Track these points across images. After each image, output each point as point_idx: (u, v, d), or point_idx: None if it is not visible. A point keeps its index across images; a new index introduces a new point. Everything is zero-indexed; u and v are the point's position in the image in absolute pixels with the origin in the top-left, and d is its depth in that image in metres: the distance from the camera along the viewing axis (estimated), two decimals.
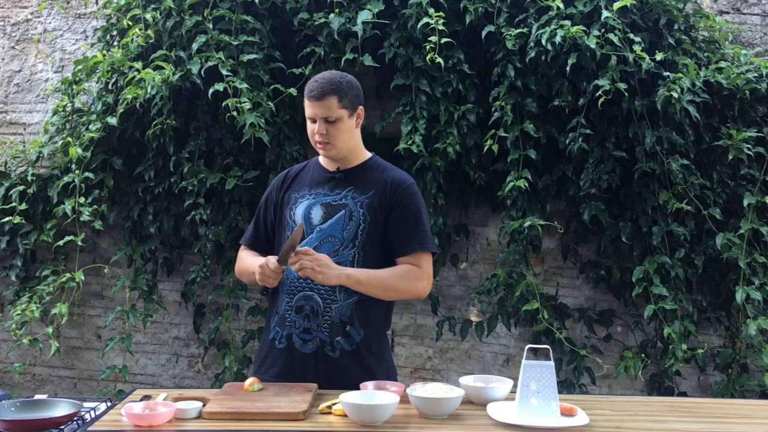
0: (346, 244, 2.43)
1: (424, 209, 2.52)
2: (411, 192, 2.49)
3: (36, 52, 4.36)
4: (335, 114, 2.41)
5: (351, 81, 2.47)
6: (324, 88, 2.39)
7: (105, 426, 2.02)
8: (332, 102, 2.40)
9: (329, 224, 2.45)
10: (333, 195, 2.49)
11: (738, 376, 3.79)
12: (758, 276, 3.66)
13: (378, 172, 2.52)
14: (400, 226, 2.45)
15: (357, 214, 2.44)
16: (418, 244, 2.46)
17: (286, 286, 2.49)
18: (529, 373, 2.08)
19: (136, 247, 4.02)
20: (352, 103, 2.44)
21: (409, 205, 2.47)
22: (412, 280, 2.45)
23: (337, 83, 2.42)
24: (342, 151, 2.47)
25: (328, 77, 2.43)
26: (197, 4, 3.79)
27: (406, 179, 2.52)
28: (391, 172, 2.53)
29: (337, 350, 2.41)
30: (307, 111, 2.44)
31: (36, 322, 3.94)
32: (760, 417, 2.24)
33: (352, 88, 2.46)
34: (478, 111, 3.83)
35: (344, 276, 2.34)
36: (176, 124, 3.82)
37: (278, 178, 2.65)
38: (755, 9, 4.13)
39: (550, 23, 3.65)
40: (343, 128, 2.43)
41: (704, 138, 3.78)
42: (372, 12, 3.69)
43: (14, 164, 4.17)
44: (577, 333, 4.04)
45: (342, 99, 2.41)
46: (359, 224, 2.43)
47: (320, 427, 2.02)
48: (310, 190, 2.52)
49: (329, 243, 2.44)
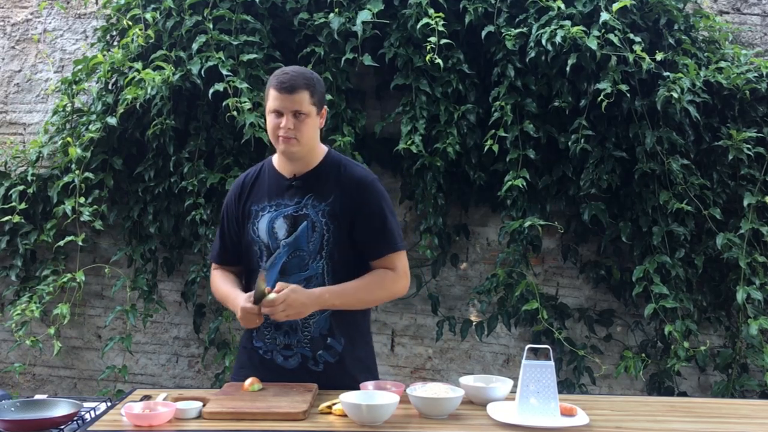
0: (314, 256, 2.37)
1: (388, 205, 2.44)
2: (373, 191, 2.40)
3: (36, 52, 4.36)
4: (305, 108, 2.32)
5: (320, 80, 2.41)
6: (297, 81, 2.31)
7: (105, 426, 2.02)
8: (304, 96, 2.31)
9: (294, 237, 2.38)
10: (293, 205, 2.39)
11: (738, 376, 3.79)
12: (758, 276, 3.66)
13: (336, 172, 2.41)
14: (367, 230, 2.38)
15: (319, 224, 2.36)
16: (389, 247, 2.40)
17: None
18: (529, 373, 2.08)
19: (136, 247, 4.02)
20: (320, 102, 2.37)
21: (373, 207, 2.39)
22: (388, 286, 2.40)
23: (310, 78, 2.34)
24: (305, 148, 2.37)
25: (300, 71, 2.35)
26: (197, 4, 3.79)
27: (366, 177, 2.43)
28: (350, 170, 2.42)
29: (320, 364, 2.40)
30: (272, 103, 2.33)
31: (36, 322, 3.94)
32: (760, 417, 2.24)
33: (321, 86, 2.39)
34: (478, 111, 3.83)
35: (320, 303, 2.30)
36: (176, 124, 3.82)
37: (234, 189, 2.53)
38: (755, 9, 4.13)
39: (550, 23, 3.65)
40: (310, 125, 2.35)
41: (704, 138, 3.78)
42: (372, 12, 3.69)
43: (14, 164, 4.17)
44: (577, 333, 4.04)
45: (313, 95, 2.33)
46: (323, 234, 2.36)
47: (320, 427, 2.02)
48: (269, 201, 2.43)
49: (297, 257, 2.38)
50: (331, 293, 2.32)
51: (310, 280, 2.38)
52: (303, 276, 2.38)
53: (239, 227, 2.49)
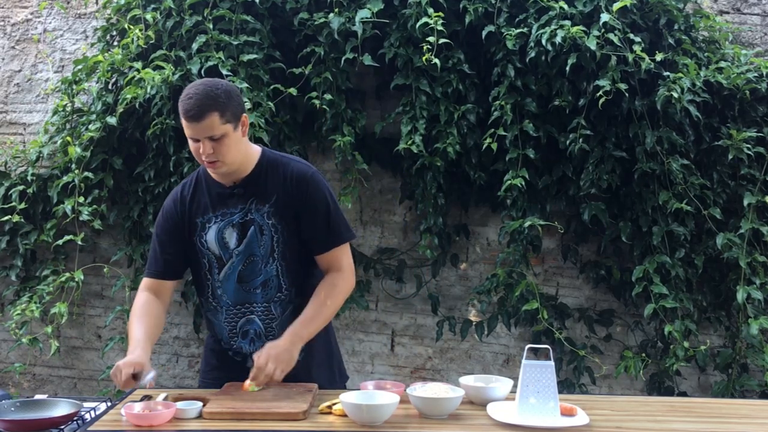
0: (266, 259, 2.36)
1: (331, 197, 2.39)
2: (313, 185, 2.35)
3: (36, 52, 4.36)
4: (218, 131, 2.20)
5: (228, 90, 2.24)
6: (201, 107, 2.17)
7: (105, 426, 2.02)
8: (213, 120, 2.18)
9: (245, 244, 2.36)
10: (238, 212, 2.35)
11: (738, 376, 3.79)
12: (759, 276, 3.66)
13: (274, 172, 2.36)
14: (311, 225, 2.36)
15: (266, 226, 2.34)
16: (334, 240, 2.38)
17: (223, 314, 2.43)
18: (529, 373, 2.08)
19: (136, 247, 4.02)
20: (234, 115, 2.23)
21: (315, 201, 2.35)
22: (341, 290, 2.39)
23: (215, 97, 2.18)
24: (233, 165, 2.30)
25: (203, 92, 2.18)
26: (197, 4, 3.79)
27: (305, 171, 2.37)
28: (288, 167, 2.37)
29: None
30: (187, 131, 2.23)
31: (36, 321, 3.94)
32: (760, 417, 2.24)
33: (231, 98, 2.23)
34: (478, 111, 3.83)
35: (299, 340, 2.28)
36: (176, 124, 3.81)
37: (171, 203, 2.45)
38: (755, 9, 4.13)
39: (550, 23, 3.65)
40: (230, 143, 2.24)
41: (704, 138, 3.78)
42: (371, 11, 3.69)
43: (14, 164, 4.17)
44: (577, 333, 4.04)
45: (223, 114, 2.19)
46: (272, 236, 2.35)
47: (320, 427, 2.03)
48: (214, 211, 2.37)
49: (252, 263, 2.37)
50: (301, 326, 2.31)
51: (266, 283, 2.38)
52: (259, 281, 2.38)
53: (181, 241, 2.42)
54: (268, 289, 2.38)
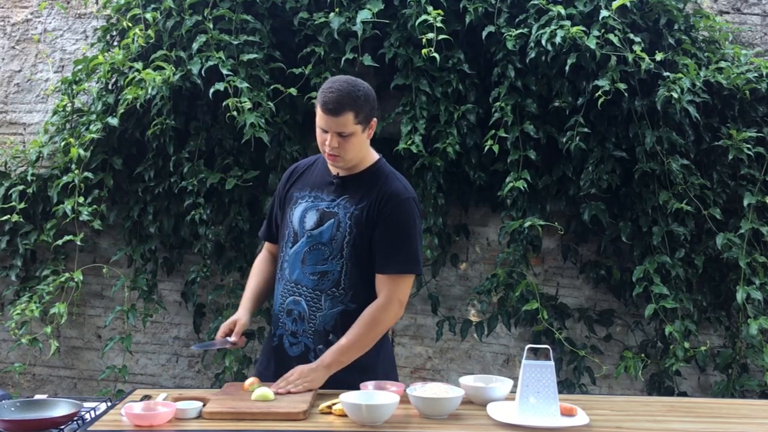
0: (335, 254, 2.39)
1: (414, 227, 2.39)
2: (403, 207, 2.37)
3: (36, 52, 4.36)
4: (350, 129, 2.30)
5: (367, 93, 2.34)
6: (341, 103, 2.27)
7: (105, 426, 2.02)
8: (348, 118, 2.28)
9: (319, 231, 2.40)
10: (328, 201, 2.42)
11: (738, 376, 3.79)
12: (758, 276, 3.66)
13: (376, 182, 2.41)
14: (384, 242, 2.36)
15: (344, 224, 2.37)
16: (395, 265, 2.36)
17: (281, 287, 2.49)
18: (529, 373, 2.08)
19: (136, 247, 4.02)
20: (367, 118, 2.34)
21: (396, 221, 2.36)
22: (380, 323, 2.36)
23: (355, 97, 2.29)
24: (351, 163, 2.39)
25: (346, 90, 2.28)
26: (197, 3, 3.79)
27: (402, 193, 2.39)
28: (391, 183, 2.40)
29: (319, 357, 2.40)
30: (319, 121, 2.33)
31: (36, 321, 3.94)
32: (760, 417, 2.24)
33: (368, 101, 2.33)
34: (478, 111, 3.83)
35: (324, 371, 2.31)
36: (176, 124, 3.82)
37: (287, 173, 2.60)
38: (755, 9, 4.13)
39: (550, 23, 3.65)
40: (355, 142, 2.34)
41: (704, 138, 3.78)
42: (371, 11, 3.69)
43: (14, 164, 4.17)
44: (577, 333, 4.04)
45: (358, 114, 2.30)
46: (345, 236, 2.37)
47: (320, 427, 2.03)
48: (310, 191, 2.47)
49: (317, 251, 2.40)
50: (334, 354, 2.33)
51: (326, 275, 2.40)
52: (319, 269, 2.40)
53: (281, 209, 2.55)
54: (324, 281, 2.39)
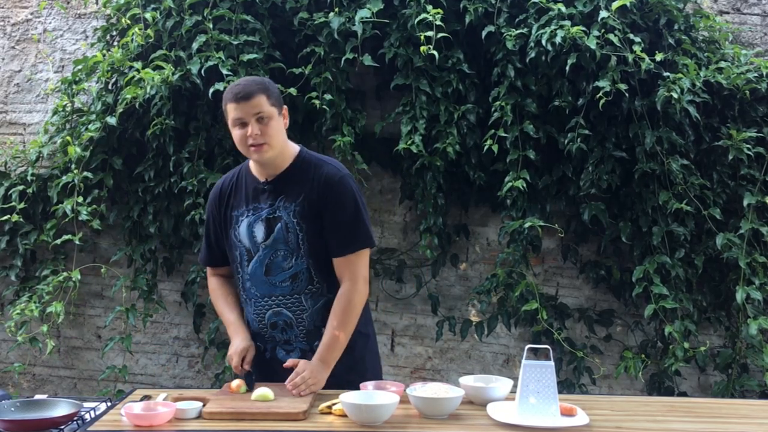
0: (294, 254, 2.41)
1: (356, 202, 2.42)
2: (339, 188, 2.40)
3: (36, 52, 4.36)
4: (266, 111, 2.35)
5: (272, 83, 2.45)
6: (250, 88, 2.35)
7: (105, 426, 2.02)
8: (261, 100, 2.35)
9: (272, 239, 2.42)
10: (268, 208, 2.44)
11: (738, 376, 3.79)
12: (758, 276, 3.66)
13: (306, 172, 2.44)
14: (330, 227, 2.39)
15: (291, 224, 2.40)
16: (349, 245, 2.40)
17: (252, 306, 2.50)
18: (529, 373, 2.08)
19: (136, 247, 4.02)
20: (278, 102, 2.41)
21: (338, 204, 2.39)
22: (353, 306, 2.39)
23: (261, 82, 2.39)
24: (275, 150, 2.40)
25: (250, 78, 2.41)
26: (197, 3, 3.78)
27: (334, 174, 2.42)
28: (321, 168, 2.44)
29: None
30: (233, 114, 2.36)
31: (36, 321, 3.94)
32: (760, 417, 2.24)
33: (275, 88, 2.44)
34: (478, 111, 3.83)
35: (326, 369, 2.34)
36: (176, 124, 3.82)
37: (214, 195, 2.59)
38: (755, 9, 4.13)
39: (550, 23, 3.65)
40: (275, 127, 2.37)
41: (704, 138, 3.78)
42: (371, 11, 3.69)
43: (14, 164, 4.17)
44: (577, 333, 4.04)
45: (270, 97, 2.37)
46: (297, 234, 2.40)
47: (320, 427, 2.03)
48: (247, 206, 2.48)
49: (279, 256, 2.42)
50: (326, 351, 2.36)
51: (296, 276, 2.43)
52: (288, 273, 2.42)
53: (222, 232, 2.54)
54: (297, 282, 2.43)
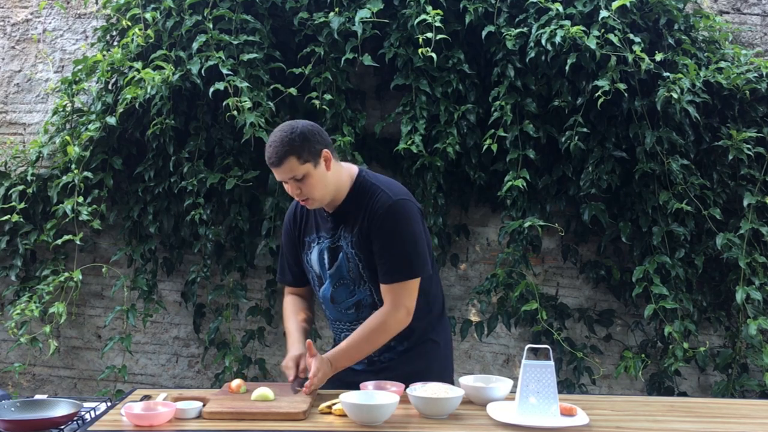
0: (357, 282, 2.44)
1: (406, 230, 2.38)
2: (390, 216, 2.36)
3: (36, 52, 4.36)
4: (299, 172, 2.31)
5: (304, 132, 2.33)
6: (279, 153, 2.30)
7: (105, 426, 2.02)
8: (291, 164, 2.30)
9: (335, 268, 2.45)
10: (330, 238, 2.46)
11: (738, 376, 3.79)
12: (758, 276, 3.66)
13: (361, 201, 2.41)
14: (379, 253, 2.37)
15: (351, 254, 2.41)
16: (394, 274, 2.37)
17: (330, 327, 2.61)
18: (529, 373, 2.08)
19: (136, 247, 4.02)
20: (312, 155, 2.33)
21: (387, 232, 2.36)
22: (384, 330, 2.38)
23: (289, 142, 2.30)
24: (324, 198, 2.39)
25: (279, 138, 2.32)
26: (197, 3, 3.79)
27: (386, 201, 2.37)
28: (374, 197, 2.39)
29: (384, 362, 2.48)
30: (275, 176, 2.38)
31: (36, 321, 3.94)
32: (760, 417, 2.24)
33: (306, 138, 2.32)
34: (478, 111, 3.83)
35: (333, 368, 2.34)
36: (176, 124, 3.82)
37: (288, 217, 2.61)
38: (755, 9, 4.13)
39: (549, 23, 3.65)
40: (314, 181, 2.34)
41: (704, 138, 3.79)
42: (371, 11, 3.69)
43: (14, 164, 4.17)
44: (577, 333, 4.04)
45: (300, 156, 2.30)
46: (357, 264, 2.41)
47: (320, 427, 2.03)
48: (317, 233, 2.50)
49: (342, 285, 2.46)
50: (340, 355, 2.37)
51: (359, 304, 2.46)
52: (351, 301, 2.47)
53: (298, 255, 2.58)
54: (362, 309, 2.46)
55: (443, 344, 2.59)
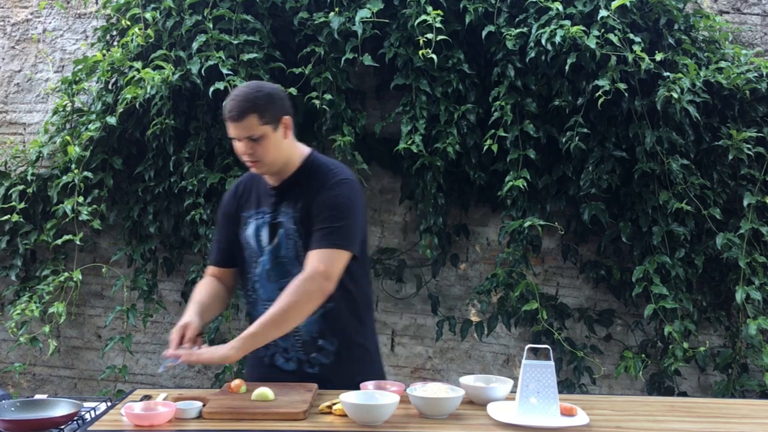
0: (293, 262, 2.35)
1: (349, 205, 2.31)
2: (338, 189, 2.31)
3: (36, 52, 4.36)
4: (257, 132, 2.25)
5: (271, 93, 2.29)
6: (241, 107, 2.23)
7: (105, 426, 2.02)
8: (252, 121, 2.24)
9: (275, 245, 2.37)
10: (270, 213, 2.38)
11: (738, 376, 3.79)
12: (758, 276, 3.66)
13: (309, 178, 2.36)
14: (316, 223, 2.29)
15: (291, 231, 2.34)
16: (325, 241, 2.26)
17: (259, 308, 2.41)
18: (529, 373, 2.08)
19: (136, 247, 4.02)
20: (274, 117, 2.27)
21: (326, 202, 2.29)
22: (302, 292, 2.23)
23: (254, 99, 2.24)
24: (273, 166, 2.33)
25: (243, 93, 2.25)
26: (197, 3, 3.79)
27: (335, 177, 2.33)
28: (326, 174, 2.35)
29: (315, 366, 2.40)
30: (228, 131, 2.30)
31: (36, 321, 3.94)
32: (760, 417, 2.24)
33: (272, 100, 2.27)
34: (478, 111, 3.83)
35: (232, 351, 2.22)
36: (176, 124, 3.82)
37: (228, 194, 2.55)
38: (755, 9, 4.13)
39: (549, 23, 3.65)
40: (269, 145, 2.28)
41: (704, 138, 3.79)
42: (371, 11, 3.69)
43: (14, 164, 4.17)
44: (577, 333, 4.04)
45: (262, 115, 2.24)
46: (296, 241, 2.34)
47: (320, 427, 2.02)
48: (256, 209, 2.43)
49: (281, 264, 2.37)
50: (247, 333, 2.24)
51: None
52: (286, 282, 2.32)
53: (233, 232, 2.49)
54: None
55: (373, 350, 2.51)
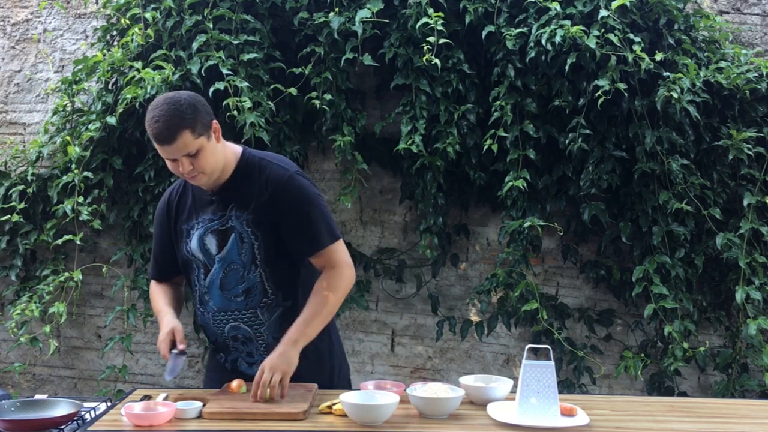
0: (248, 267, 2.33)
1: (312, 199, 2.32)
2: (289, 191, 2.29)
3: (36, 52, 4.36)
4: (193, 147, 2.17)
5: (192, 102, 2.19)
6: (171, 127, 2.13)
7: (105, 426, 2.02)
8: (186, 138, 2.15)
9: (226, 251, 2.33)
10: (218, 219, 2.33)
11: (738, 376, 3.79)
12: (758, 276, 3.66)
13: (251, 176, 2.31)
14: (290, 233, 2.30)
15: (246, 234, 2.31)
16: (313, 248, 2.31)
17: (210, 319, 2.41)
18: (529, 373, 2.08)
19: (136, 247, 4.02)
20: (205, 126, 2.19)
21: (292, 208, 2.29)
22: (336, 286, 2.30)
23: (181, 115, 2.14)
24: (214, 174, 2.27)
25: (167, 112, 2.13)
26: (197, 3, 3.78)
27: (281, 176, 2.30)
28: (264, 172, 2.31)
29: None
30: (161, 153, 2.20)
31: (36, 321, 3.94)
32: (760, 417, 2.24)
33: (197, 110, 2.18)
34: (478, 111, 3.83)
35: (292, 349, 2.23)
36: None
37: (160, 208, 2.47)
38: (755, 9, 4.13)
39: (549, 23, 3.65)
40: (207, 155, 2.21)
41: (704, 138, 3.79)
42: (371, 11, 3.69)
43: (14, 164, 4.17)
44: (577, 333, 4.04)
45: (194, 129, 2.16)
46: (252, 244, 2.31)
47: (320, 427, 2.03)
48: (196, 218, 2.37)
49: (233, 271, 2.34)
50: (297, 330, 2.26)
51: (250, 291, 2.35)
52: (241, 288, 2.34)
53: (173, 246, 2.45)
54: (252, 296, 2.35)
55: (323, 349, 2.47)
